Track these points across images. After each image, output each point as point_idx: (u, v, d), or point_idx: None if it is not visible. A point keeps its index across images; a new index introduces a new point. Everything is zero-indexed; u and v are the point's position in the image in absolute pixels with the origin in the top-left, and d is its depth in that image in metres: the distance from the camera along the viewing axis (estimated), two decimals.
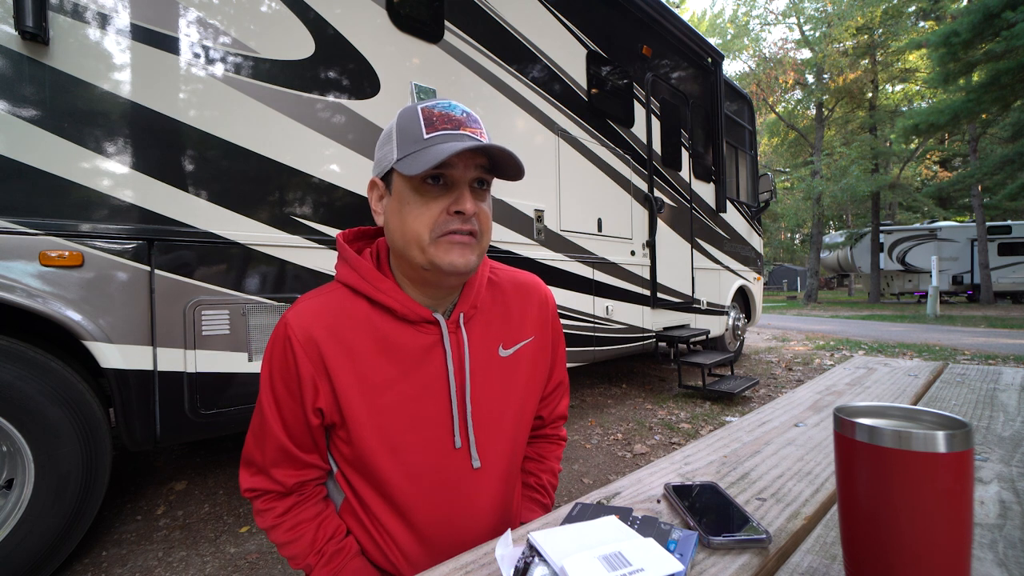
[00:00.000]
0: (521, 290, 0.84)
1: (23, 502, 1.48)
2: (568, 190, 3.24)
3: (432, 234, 0.67)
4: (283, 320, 0.71)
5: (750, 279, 5.69)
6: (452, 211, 0.67)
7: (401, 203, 0.68)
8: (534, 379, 0.83)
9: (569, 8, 3.27)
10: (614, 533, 0.49)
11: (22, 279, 1.46)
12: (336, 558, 0.72)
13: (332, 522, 0.75)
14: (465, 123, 0.68)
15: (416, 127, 0.67)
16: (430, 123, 0.67)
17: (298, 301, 0.73)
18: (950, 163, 24.80)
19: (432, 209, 0.67)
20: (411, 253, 0.68)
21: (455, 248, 0.67)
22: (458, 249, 0.67)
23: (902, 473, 0.38)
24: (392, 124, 0.70)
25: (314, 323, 0.69)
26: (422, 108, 0.68)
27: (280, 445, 0.72)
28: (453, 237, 0.67)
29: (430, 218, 0.67)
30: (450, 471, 0.73)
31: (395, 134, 0.69)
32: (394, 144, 0.68)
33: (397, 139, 0.68)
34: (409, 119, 0.68)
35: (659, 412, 3.66)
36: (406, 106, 0.71)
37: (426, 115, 0.67)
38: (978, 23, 11.09)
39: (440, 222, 0.67)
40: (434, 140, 0.65)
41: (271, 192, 1.93)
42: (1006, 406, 1.01)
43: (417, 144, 0.66)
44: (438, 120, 0.67)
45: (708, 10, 50.04)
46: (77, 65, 1.54)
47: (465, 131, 0.67)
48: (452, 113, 0.68)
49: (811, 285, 19.45)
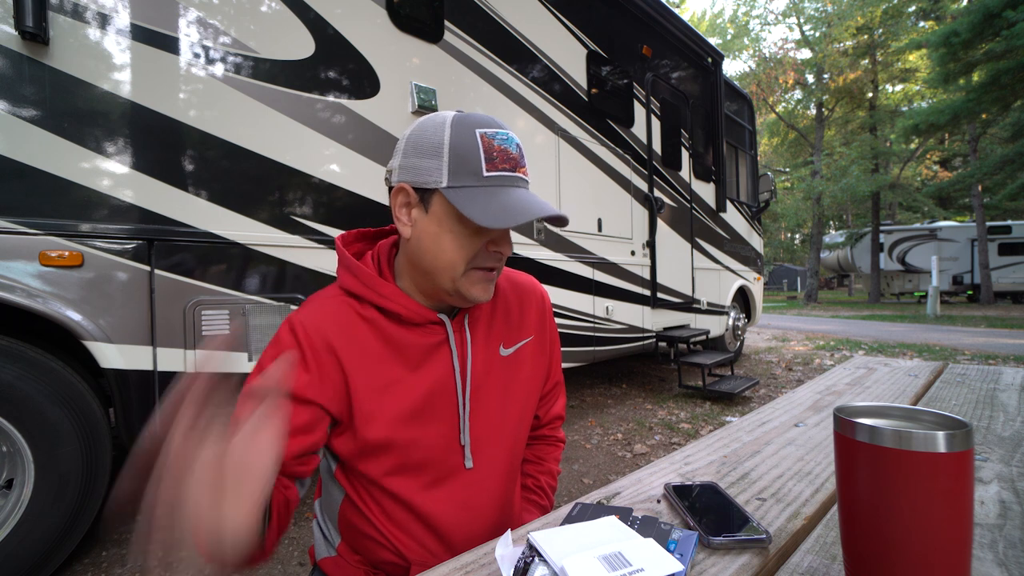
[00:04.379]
0: (520, 290, 0.85)
1: (23, 502, 1.48)
2: (568, 190, 3.24)
3: (468, 266, 0.67)
4: (288, 322, 0.70)
5: (750, 279, 5.69)
6: (491, 249, 0.67)
7: (441, 228, 0.66)
8: (534, 378, 0.84)
9: (569, 8, 3.27)
10: (614, 533, 0.49)
11: (22, 279, 1.46)
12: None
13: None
14: (519, 162, 0.66)
15: (475, 157, 0.63)
16: (490, 158, 0.63)
17: (303, 305, 0.73)
18: (950, 163, 24.80)
19: (474, 243, 0.66)
20: (439, 278, 0.68)
21: (482, 282, 0.69)
22: (484, 283, 0.69)
23: (902, 473, 0.38)
24: (440, 137, 0.64)
25: (320, 325, 0.69)
26: (482, 135, 0.63)
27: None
28: (485, 273, 0.69)
29: (471, 251, 0.66)
30: (451, 470, 0.74)
31: (447, 154, 0.63)
32: (444, 164, 0.63)
33: (449, 161, 0.63)
34: (466, 143, 0.63)
35: (659, 412, 3.66)
36: (460, 118, 0.65)
37: (486, 147, 0.63)
38: (978, 23, 11.10)
39: (479, 257, 0.67)
40: (495, 181, 0.63)
41: (271, 192, 1.93)
42: (1006, 406, 1.01)
43: (475, 179, 0.63)
44: (499, 157, 0.64)
45: (708, 10, 50.15)
46: (77, 65, 1.54)
47: (519, 172, 0.66)
48: (510, 150, 0.65)
49: (811, 285, 19.45)
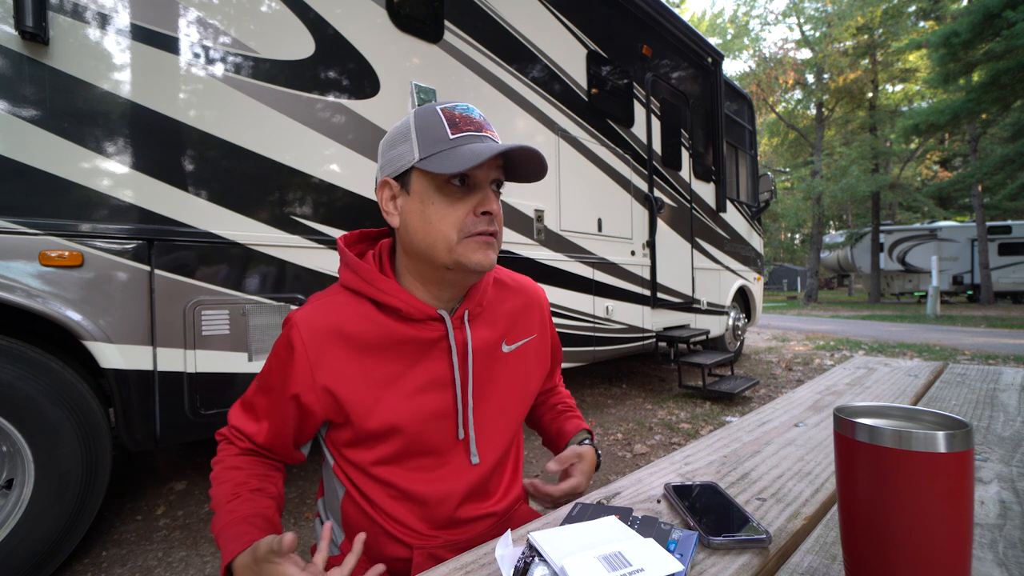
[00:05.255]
0: (522, 290, 0.86)
1: (23, 502, 1.48)
2: (568, 190, 3.24)
3: (460, 234, 0.68)
4: (289, 320, 0.71)
5: (750, 279, 5.69)
6: (479, 212, 0.68)
7: (424, 203, 0.68)
8: (536, 378, 0.85)
9: (569, 8, 3.26)
10: (614, 533, 0.49)
11: (22, 279, 1.46)
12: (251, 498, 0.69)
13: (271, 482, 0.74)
14: (484, 126, 0.69)
15: (439, 127, 0.67)
16: (454, 124, 0.67)
17: (306, 303, 0.74)
18: (950, 163, 24.79)
19: (459, 210, 0.68)
20: (435, 253, 0.69)
21: (481, 248, 0.69)
22: (484, 249, 0.69)
23: (902, 473, 0.38)
24: (407, 124, 0.70)
25: (320, 322, 0.70)
26: (442, 109, 0.68)
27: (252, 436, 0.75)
28: (480, 238, 0.68)
29: (458, 218, 0.67)
30: (452, 465, 0.75)
31: (414, 134, 0.68)
32: (414, 144, 0.68)
33: (417, 138, 0.68)
34: (429, 119, 0.68)
35: (659, 412, 3.66)
36: (420, 107, 0.70)
37: (448, 116, 0.68)
38: (978, 23, 11.09)
39: (468, 223, 0.68)
40: (461, 140, 0.66)
41: (271, 192, 1.93)
42: (1006, 406, 1.01)
43: (443, 144, 0.66)
44: (461, 122, 0.68)
45: (708, 10, 50.15)
46: (77, 65, 1.54)
47: (486, 133, 0.68)
48: (472, 116, 0.69)
49: (811, 285, 19.44)
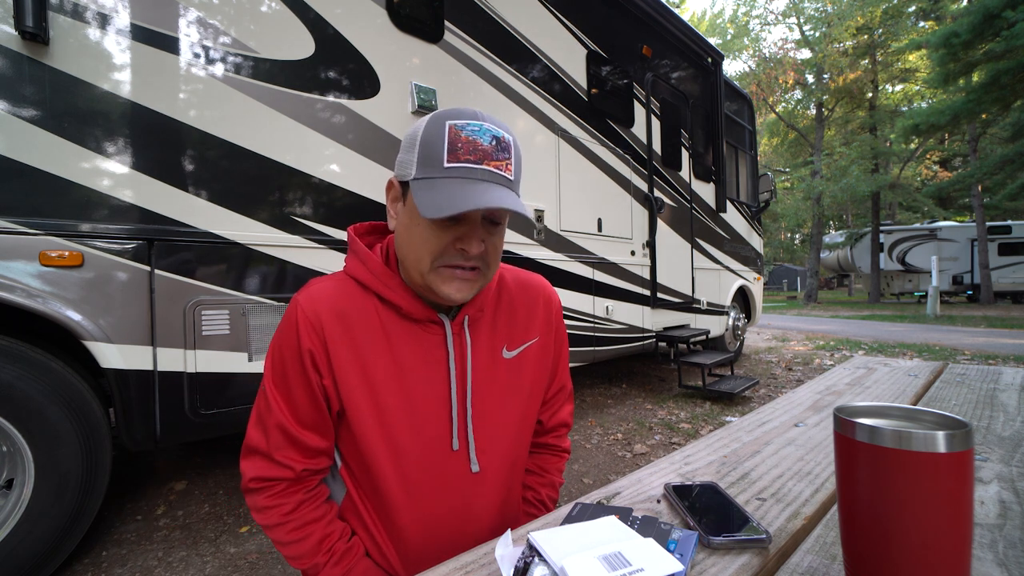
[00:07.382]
0: (527, 291, 0.83)
1: (23, 502, 1.48)
2: (568, 190, 3.24)
3: (434, 263, 0.65)
4: (294, 301, 0.70)
5: (750, 279, 5.69)
6: (458, 247, 0.64)
7: (412, 220, 0.65)
8: (538, 381, 0.82)
9: (569, 8, 3.26)
10: (614, 533, 0.49)
11: (22, 279, 1.46)
12: (346, 557, 0.72)
13: (338, 523, 0.75)
14: (490, 155, 0.62)
15: (438, 148, 0.61)
16: (453, 149, 0.61)
17: (309, 283, 0.72)
18: (950, 163, 24.80)
19: (440, 239, 0.64)
20: (411, 272, 0.68)
21: (454, 282, 0.66)
22: (457, 283, 0.66)
23: (902, 473, 0.38)
24: (419, 129, 0.64)
25: (324, 305, 0.69)
26: (450, 126, 0.62)
27: (283, 424, 0.69)
28: (455, 272, 0.66)
29: (436, 247, 0.64)
30: (448, 474, 0.73)
31: (418, 146, 0.63)
32: (416, 156, 0.64)
33: (419, 153, 0.63)
34: (435, 134, 0.62)
35: (659, 412, 3.66)
36: (437, 114, 0.64)
37: (452, 138, 0.61)
38: (978, 23, 11.09)
39: (445, 254, 0.65)
40: (452, 172, 0.61)
41: (271, 192, 1.93)
42: (1006, 406, 1.01)
43: (434, 170, 0.62)
44: (462, 148, 0.61)
45: (708, 10, 50.10)
46: (77, 65, 1.54)
47: (488, 165, 0.62)
48: (479, 141, 0.62)
49: (811, 285, 19.44)
